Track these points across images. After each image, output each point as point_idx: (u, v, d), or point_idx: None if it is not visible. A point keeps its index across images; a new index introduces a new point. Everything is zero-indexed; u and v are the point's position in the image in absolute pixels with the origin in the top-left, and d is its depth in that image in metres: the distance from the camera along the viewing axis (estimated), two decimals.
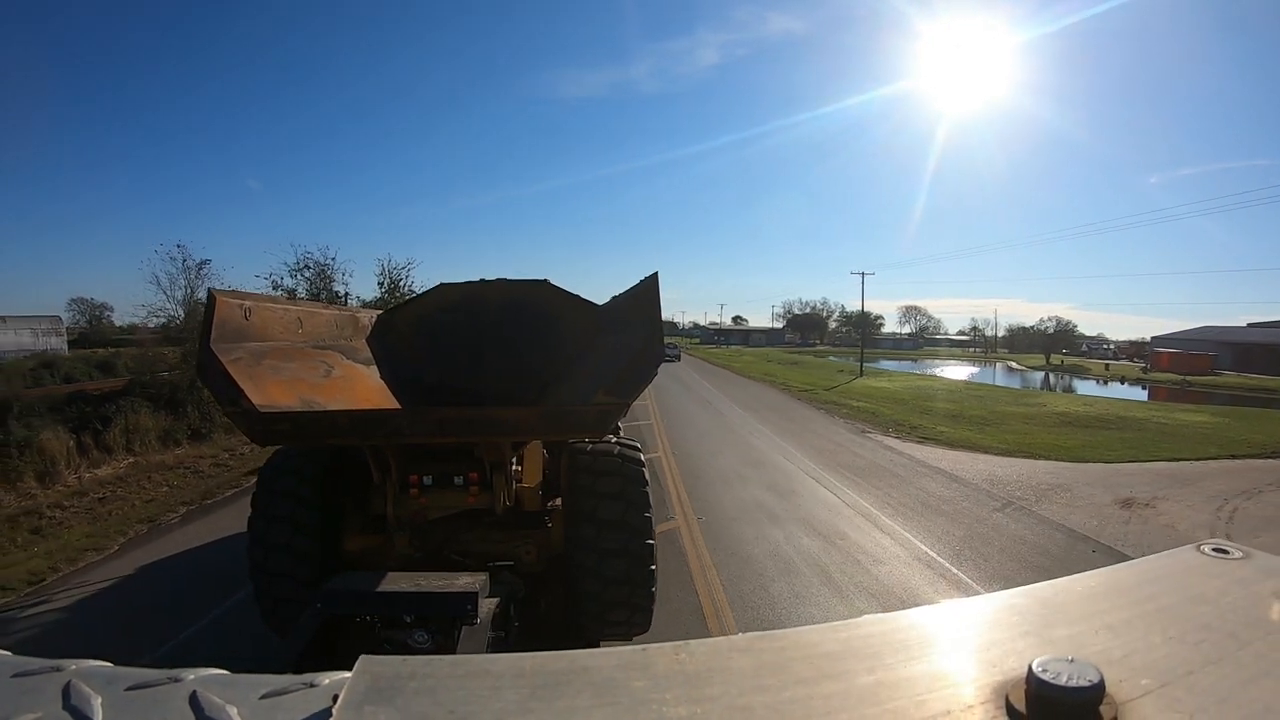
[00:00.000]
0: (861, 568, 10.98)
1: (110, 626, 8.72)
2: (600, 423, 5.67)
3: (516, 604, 5.99)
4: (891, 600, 10.03)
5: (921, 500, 15.28)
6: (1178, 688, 0.62)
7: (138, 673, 0.69)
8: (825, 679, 0.64)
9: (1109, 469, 19.30)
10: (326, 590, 5.10)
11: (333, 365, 7.24)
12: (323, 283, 29.28)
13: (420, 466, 6.69)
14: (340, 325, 8.05)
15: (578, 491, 6.73)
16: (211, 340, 5.52)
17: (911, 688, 0.63)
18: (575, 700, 0.61)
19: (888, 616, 0.74)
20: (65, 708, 0.64)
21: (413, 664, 0.66)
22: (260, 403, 5.46)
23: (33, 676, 0.69)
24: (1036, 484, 17.20)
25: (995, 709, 0.61)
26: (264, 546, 6.64)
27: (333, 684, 0.67)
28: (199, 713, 0.63)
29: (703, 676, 0.64)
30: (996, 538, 12.75)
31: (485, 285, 9.09)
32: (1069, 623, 0.73)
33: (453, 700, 0.61)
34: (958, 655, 0.67)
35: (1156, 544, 12.09)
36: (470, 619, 4.81)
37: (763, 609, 9.49)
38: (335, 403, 6.58)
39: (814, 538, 12.39)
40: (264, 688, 0.67)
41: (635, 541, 6.50)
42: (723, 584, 10.10)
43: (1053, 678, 0.60)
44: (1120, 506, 14.90)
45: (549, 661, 0.67)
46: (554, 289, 8.82)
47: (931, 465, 19.45)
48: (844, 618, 2.53)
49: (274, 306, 6.78)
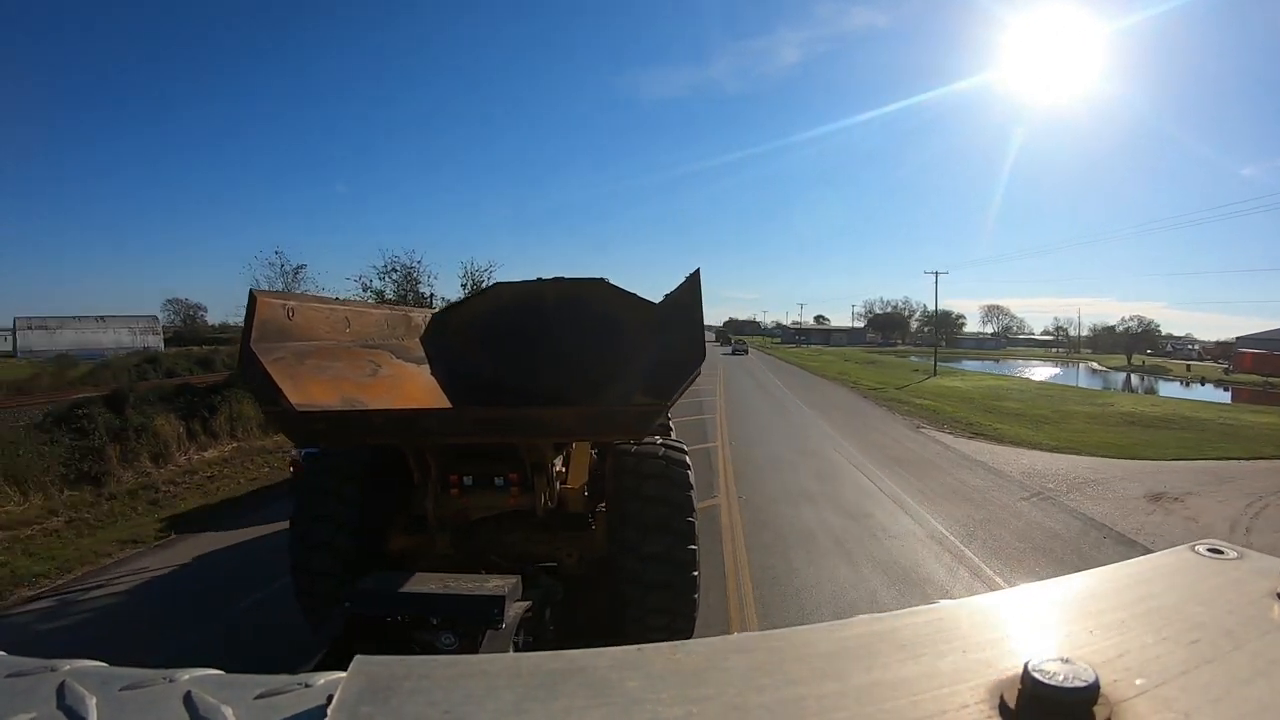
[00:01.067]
0: (877, 541, 11.87)
1: (231, 560, 11.10)
2: (639, 424, 5.58)
3: (554, 608, 5.98)
4: (893, 567, 10.74)
5: (953, 489, 15.93)
6: (1172, 688, 0.63)
7: (132, 673, 0.70)
8: (821, 678, 0.64)
9: (1153, 465, 19.54)
10: (354, 590, 5.14)
11: (381, 364, 7.28)
12: (409, 284, 30.25)
13: (461, 467, 6.70)
14: (391, 324, 8.11)
15: (621, 494, 6.61)
16: (252, 340, 5.60)
17: (907, 687, 0.63)
18: (571, 700, 0.62)
19: (883, 616, 0.75)
20: (60, 708, 0.65)
21: (408, 664, 0.67)
22: (299, 402, 5.52)
23: (27, 677, 0.69)
24: (1074, 477, 17.52)
25: (990, 709, 0.61)
26: (305, 545, 6.68)
27: (327, 684, 0.67)
28: (194, 713, 0.64)
29: (698, 676, 0.65)
30: (1013, 522, 13.37)
31: (542, 284, 9.07)
32: (1064, 622, 0.73)
33: (448, 701, 0.62)
34: (953, 655, 0.68)
35: (1171, 535, 12.67)
36: (496, 623, 4.81)
37: (778, 568, 10.43)
38: (380, 402, 6.64)
39: (841, 516, 13.37)
40: (259, 688, 0.68)
41: (678, 546, 6.36)
42: (747, 548, 11.19)
43: (1047, 678, 0.60)
44: (1148, 500, 15.21)
45: (545, 661, 0.67)
46: (611, 287, 8.76)
47: (975, 459, 19.95)
48: (848, 579, 3.54)
49: (319, 306, 6.85)
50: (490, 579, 5.28)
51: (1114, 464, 19.57)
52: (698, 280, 6.47)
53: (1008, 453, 21.39)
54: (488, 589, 5.00)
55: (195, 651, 8.49)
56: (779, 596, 9.40)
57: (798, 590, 9.62)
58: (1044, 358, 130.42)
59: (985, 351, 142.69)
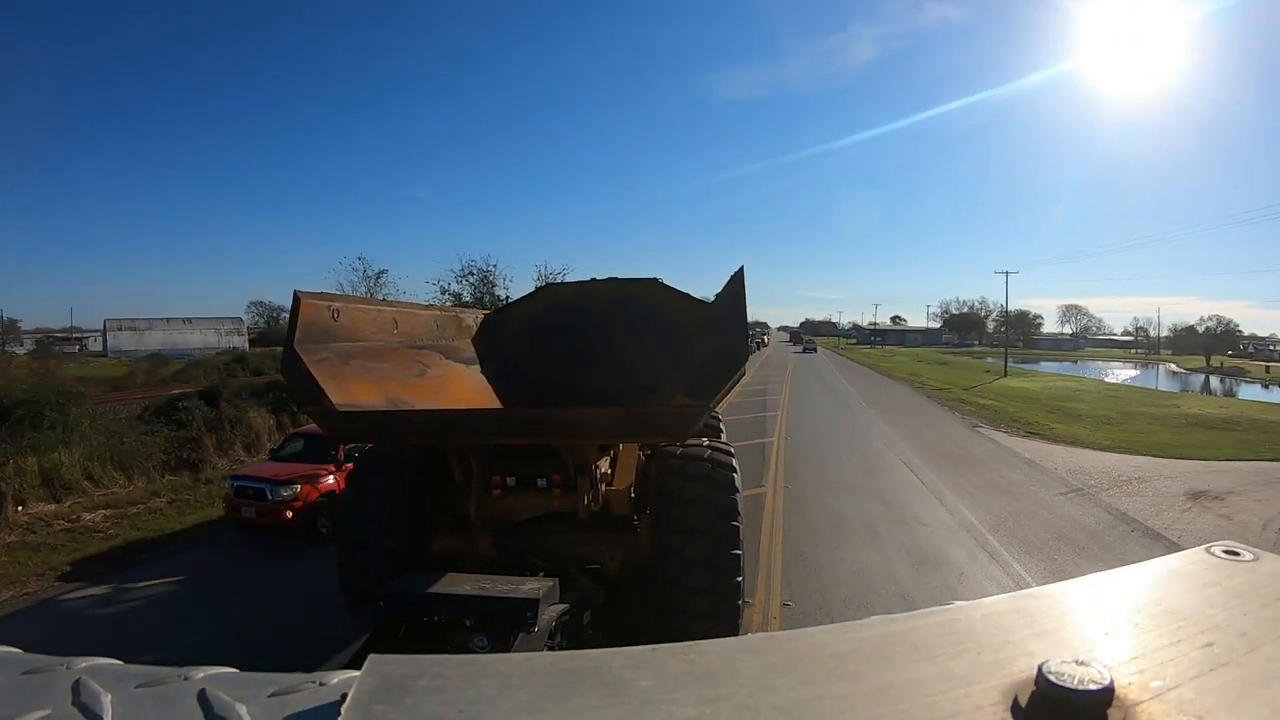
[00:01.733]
0: (907, 529, 12.47)
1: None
2: (679, 425, 5.52)
3: (594, 611, 5.92)
4: (916, 550, 11.40)
5: (993, 483, 16.39)
6: (1187, 690, 0.62)
7: (147, 670, 0.71)
8: (834, 679, 0.65)
9: (1204, 465, 19.61)
10: (389, 589, 5.14)
11: (429, 365, 7.33)
12: (485, 288, 30.90)
13: (504, 468, 6.70)
14: (441, 325, 8.16)
15: (664, 496, 6.51)
16: (295, 341, 5.64)
17: (920, 689, 0.64)
18: (585, 700, 0.62)
19: (897, 617, 0.75)
20: (75, 704, 0.65)
21: (422, 663, 0.67)
22: (341, 402, 5.56)
23: (42, 674, 0.70)
24: (1119, 475, 17.76)
25: (1004, 710, 0.61)
26: (351, 543, 6.71)
27: (341, 683, 0.68)
28: (208, 710, 0.64)
29: (712, 677, 0.65)
30: (1044, 515, 13.79)
31: (594, 284, 9.18)
32: (1078, 624, 0.74)
33: (462, 700, 0.62)
34: (967, 657, 0.68)
35: (1200, 531, 12.96)
36: (529, 626, 4.78)
37: (806, 548, 11.26)
38: (426, 402, 6.66)
39: (878, 505, 14.03)
40: (273, 686, 0.68)
41: (722, 551, 6.21)
42: (783, 531, 12.06)
43: (1062, 680, 0.60)
44: (1187, 498, 15.36)
45: (559, 661, 0.68)
46: (663, 287, 8.81)
47: (1023, 456, 20.24)
48: (872, 561, 3.85)
49: (365, 308, 6.91)
50: (526, 581, 5.27)
51: (1164, 463, 19.75)
52: (741, 280, 6.39)
53: (1059, 451, 21.67)
54: (522, 591, 4.99)
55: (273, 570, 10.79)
56: (805, 571, 10.20)
57: (820, 566, 10.45)
58: (1123, 359, 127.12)
59: (1063, 352, 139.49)
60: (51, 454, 13.70)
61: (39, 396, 15.18)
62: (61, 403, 15.04)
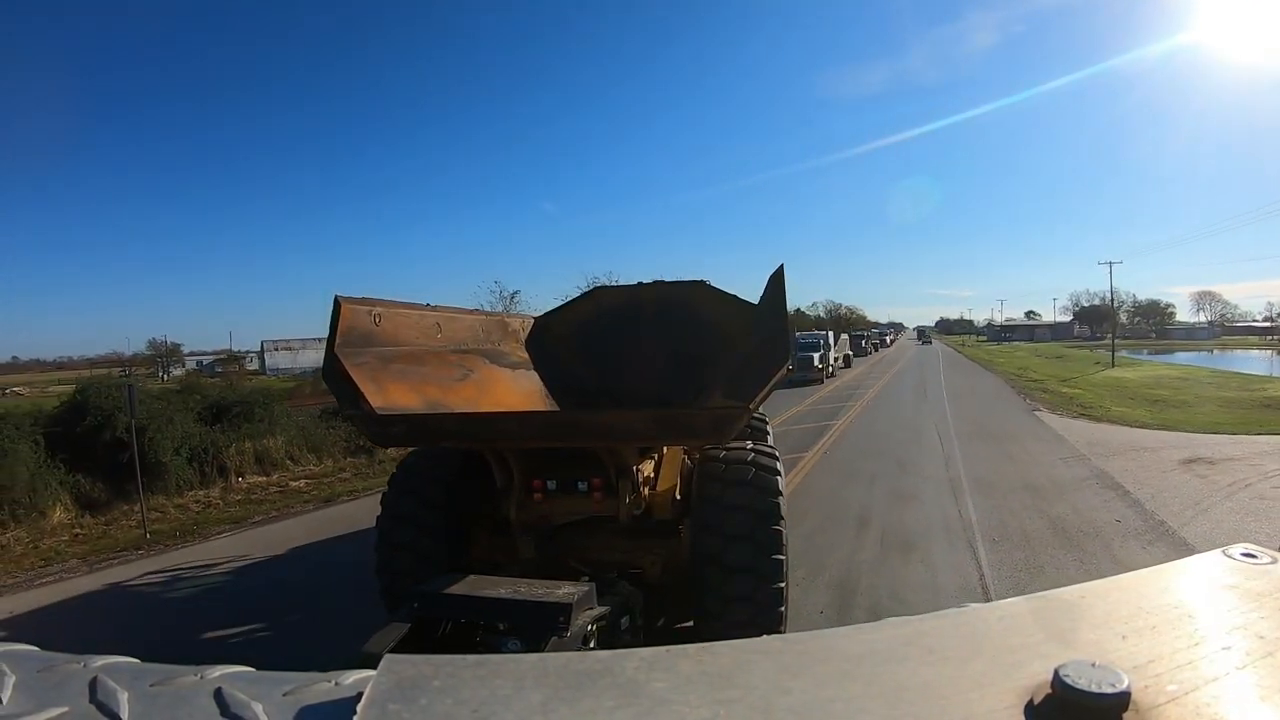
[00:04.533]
0: (900, 478, 15.22)
1: None
2: (716, 428, 5.42)
3: (632, 617, 5.81)
4: (898, 491, 14.12)
5: (1008, 452, 18.23)
6: (1204, 694, 0.62)
7: (164, 669, 0.71)
8: (848, 681, 0.65)
9: (1230, 439, 19.99)
10: (422, 591, 5.12)
11: (472, 369, 7.37)
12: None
13: (544, 471, 6.62)
14: (486, 330, 8.19)
15: (706, 501, 6.37)
16: (336, 345, 5.68)
17: (934, 691, 0.64)
18: (598, 700, 0.63)
19: (911, 619, 0.75)
20: (92, 701, 0.66)
21: (436, 663, 0.68)
22: (379, 405, 5.59)
23: (59, 671, 0.71)
24: (1131, 445, 19.06)
25: (1019, 714, 0.61)
26: (390, 545, 6.70)
27: (357, 682, 0.69)
28: (224, 708, 0.65)
29: (725, 678, 0.66)
30: (1029, 473, 15.65)
31: (642, 288, 9.27)
32: (1093, 627, 0.74)
33: (476, 700, 0.62)
34: (981, 659, 0.68)
35: (1160, 485, 14.38)
36: (561, 631, 4.73)
37: (815, 487, 14.36)
38: (466, 405, 6.73)
39: (893, 465, 16.71)
40: (288, 684, 0.69)
41: (762, 557, 6.07)
42: (805, 475, 15.33)
43: (1078, 683, 0.60)
44: (1181, 464, 16.33)
45: (572, 662, 0.69)
46: (711, 290, 8.86)
47: (1057, 432, 21.61)
48: (860, 495, 5.19)
49: (408, 312, 6.90)
50: (562, 585, 5.18)
51: (1191, 437, 20.44)
52: (781, 279, 6.35)
53: (1096, 429, 22.73)
54: (557, 596, 4.93)
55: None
56: (805, 501, 12.90)
57: (820, 498, 13.38)
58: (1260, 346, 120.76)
59: (1197, 342, 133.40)
60: (262, 440, 18.43)
61: (249, 398, 20.23)
62: (267, 402, 19.86)
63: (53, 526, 13.45)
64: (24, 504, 13.52)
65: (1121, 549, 10.53)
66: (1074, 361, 64.67)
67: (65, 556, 12.26)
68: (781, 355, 5.73)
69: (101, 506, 14.56)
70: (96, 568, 11.80)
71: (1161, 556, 10.01)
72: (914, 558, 10.35)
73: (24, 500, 13.56)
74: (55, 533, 13.28)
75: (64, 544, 12.84)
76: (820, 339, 44.65)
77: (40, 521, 13.45)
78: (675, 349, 8.49)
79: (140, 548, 12.67)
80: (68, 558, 12.22)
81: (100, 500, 14.70)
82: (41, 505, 13.69)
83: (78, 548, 12.68)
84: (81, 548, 12.68)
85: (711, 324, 8.50)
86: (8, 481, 13.46)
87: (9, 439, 14.16)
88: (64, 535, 13.26)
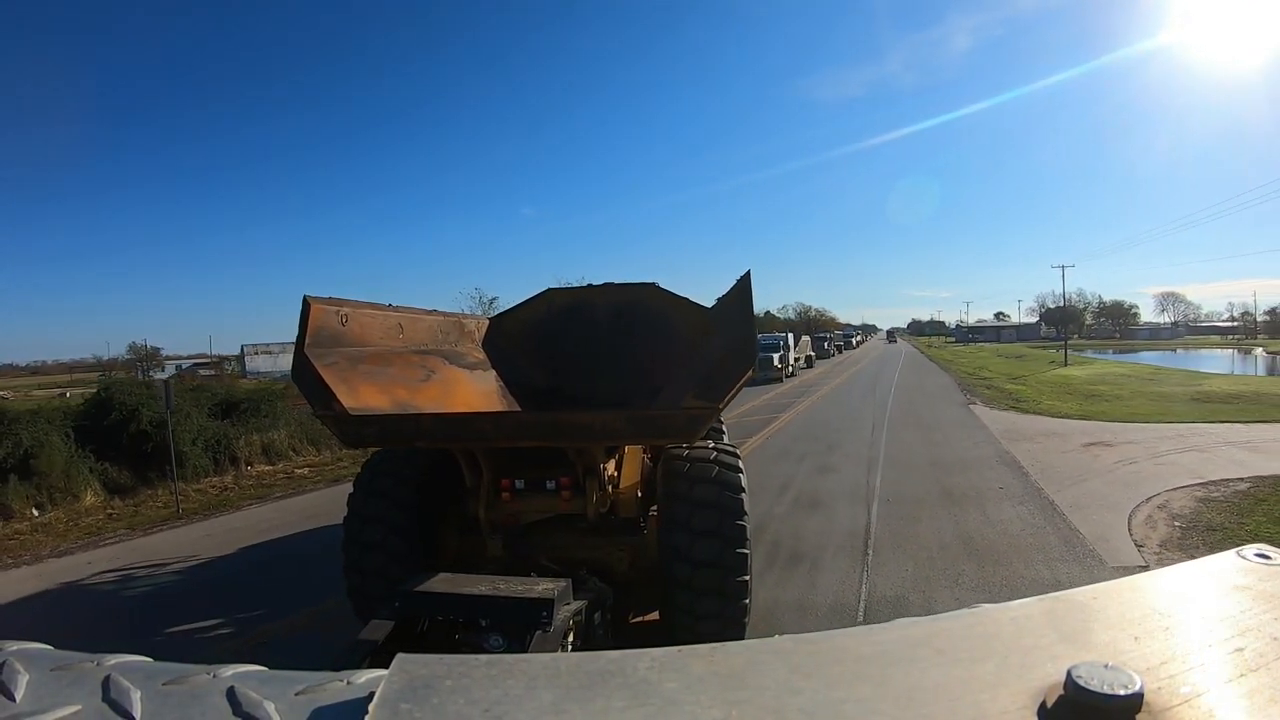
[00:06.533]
0: (827, 456, 17.28)
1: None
2: (689, 427, 5.54)
3: (604, 612, 5.89)
4: (822, 466, 15.96)
5: (929, 438, 20.00)
6: (1216, 696, 0.63)
7: (176, 667, 0.72)
8: (860, 682, 0.65)
9: (1139, 426, 21.37)
10: (404, 590, 5.13)
11: (434, 370, 7.37)
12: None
13: (512, 470, 6.65)
14: (445, 330, 8.20)
15: (672, 499, 6.47)
16: (305, 345, 5.66)
17: (946, 692, 0.64)
18: (609, 701, 0.63)
19: (923, 620, 0.76)
20: (105, 700, 0.67)
21: (448, 663, 0.69)
22: (351, 405, 5.58)
23: (72, 670, 0.72)
24: (1041, 431, 20.81)
25: (1031, 715, 0.62)
26: (359, 545, 6.67)
27: (369, 681, 0.69)
28: (236, 707, 0.66)
29: (736, 679, 0.66)
30: (938, 451, 17.77)
31: (593, 290, 9.31)
32: (1106, 628, 0.74)
33: (488, 699, 0.63)
34: (993, 660, 0.69)
35: (1047, 463, 15.99)
36: (544, 626, 4.78)
37: (750, 461, 13.83)
38: (431, 406, 6.73)
39: (821, 446, 18.79)
40: (300, 684, 0.70)
41: (729, 552, 6.19)
42: (742, 459, 16.23)
43: (1091, 684, 0.61)
44: (1080, 446, 18.05)
45: (584, 662, 0.69)
46: (661, 291, 8.94)
47: (981, 421, 23.35)
48: (788, 469, 6.14)
49: (373, 312, 6.89)
50: (540, 582, 5.24)
51: (1105, 425, 21.92)
52: (748, 283, 6.48)
53: (1020, 419, 24.25)
54: (537, 591, 4.98)
55: None
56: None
57: (749, 471, 13.44)
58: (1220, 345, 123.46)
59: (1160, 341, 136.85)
60: (268, 433, 20.25)
61: (255, 395, 22.21)
62: (271, 399, 21.73)
63: (86, 508, 14.98)
64: (60, 489, 15.12)
65: (993, 507, 12.23)
66: (1031, 361, 66.26)
67: (112, 529, 13.63)
68: (749, 357, 5.90)
69: (128, 491, 16.20)
70: (150, 532, 13.42)
71: (1025, 514, 11.78)
72: (818, 512, 12.26)
73: (60, 485, 15.16)
74: (90, 513, 14.77)
75: (102, 521, 14.27)
76: (780, 340, 45.84)
77: (75, 504, 14.99)
78: (626, 350, 8.60)
79: (182, 517, 14.34)
80: (115, 529, 13.60)
81: (127, 486, 16.39)
82: (75, 490, 15.29)
83: (118, 524, 14.07)
84: (121, 524, 14.07)
85: (661, 325, 8.64)
86: (46, 469, 15.08)
87: (44, 431, 15.82)
88: (99, 515, 14.71)
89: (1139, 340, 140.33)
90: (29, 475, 14.95)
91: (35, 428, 15.86)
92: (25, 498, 14.53)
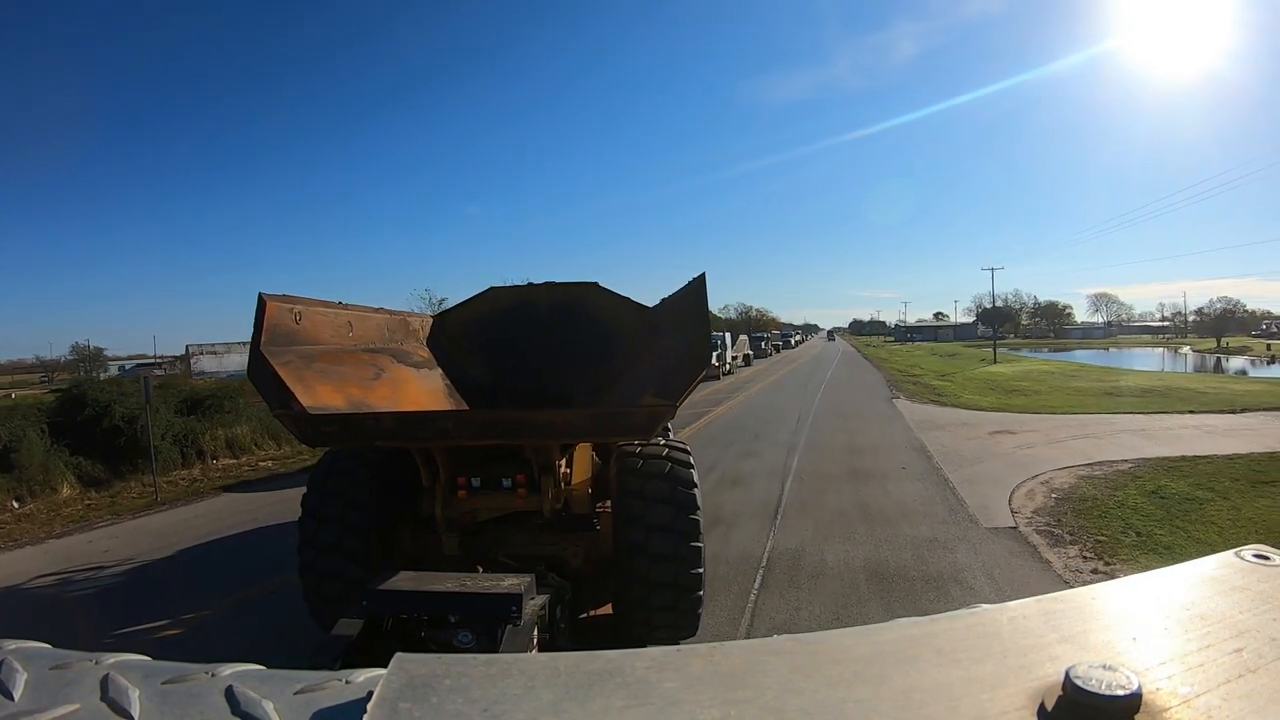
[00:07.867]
0: (752, 443, 18.40)
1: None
2: (648, 425, 5.62)
3: (563, 606, 5.93)
4: (747, 451, 17.24)
5: (849, 427, 21.43)
6: (1216, 696, 0.63)
7: (175, 666, 0.72)
8: (859, 682, 0.65)
9: (1044, 418, 22.73)
10: (371, 589, 5.09)
11: (383, 368, 7.32)
12: None
13: (468, 469, 6.66)
14: (391, 329, 8.16)
15: (626, 495, 6.51)
16: (262, 344, 5.65)
17: (945, 692, 0.64)
18: (609, 700, 0.63)
19: (922, 620, 0.75)
20: (104, 699, 0.67)
21: (447, 662, 0.68)
22: (309, 404, 5.57)
23: (71, 669, 0.71)
24: (953, 421, 22.45)
25: (1030, 715, 0.61)
26: (315, 547, 6.63)
27: (368, 680, 0.69)
28: (235, 706, 0.66)
29: (736, 678, 0.66)
30: (856, 438, 19.11)
31: (535, 288, 9.27)
32: (1105, 629, 0.74)
33: (486, 699, 0.62)
34: (992, 660, 0.68)
35: (950, 446, 17.51)
36: (515, 620, 4.80)
37: (695, 437, 17.92)
38: (383, 404, 6.70)
39: (748, 435, 20.14)
40: (299, 683, 0.69)
41: (683, 545, 6.28)
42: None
43: (1089, 684, 0.61)
44: (987, 433, 19.51)
45: (583, 662, 0.68)
46: (603, 291, 8.97)
47: (900, 413, 24.81)
48: (712, 459, 6.49)
49: (325, 310, 6.84)
50: (505, 577, 5.25)
51: (1014, 416, 23.90)
52: (703, 284, 6.57)
53: (938, 411, 25.53)
54: (504, 587, 4.99)
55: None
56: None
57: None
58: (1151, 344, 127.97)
59: (1094, 341, 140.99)
60: (232, 429, 21.12)
61: (219, 392, 23.18)
62: (234, 396, 22.65)
63: (64, 500, 15.55)
64: (39, 481, 15.71)
65: (894, 483, 13.72)
66: (963, 359, 68.21)
67: (97, 517, 14.18)
68: (704, 357, 6.03)
69: (102, 484, 16.83)
70: (139, 516, 14.05)
71: (921, 489, 12.90)
72: (738, 488, 13.73)
73: (39, 479, 15.75)
74: (68, 504, 15.32)
75: (82, 511, 14.76)
76: (718, 339, 47.86)
77: (52, 496, 15.54)
78: (567, 348, 8.63)
79: (164, 504, 15.01)
80: (100, 517, 14.15)
81: (101, 478, 17.01)
82: (53, 482, 15.87)
83: (100, 512, 14.56)
84: (103, 512, 14.55)
85: (603, 324, 8.68)
86: (25, 463, 15.68)
87: (20, 427, 16.43)
88: (77, 505, 15.28)
89: (1072, 340, 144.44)
90: (8, 469, 15.52)
91: (12, 424, 16.48)
92: (6, 490, 15.10)
